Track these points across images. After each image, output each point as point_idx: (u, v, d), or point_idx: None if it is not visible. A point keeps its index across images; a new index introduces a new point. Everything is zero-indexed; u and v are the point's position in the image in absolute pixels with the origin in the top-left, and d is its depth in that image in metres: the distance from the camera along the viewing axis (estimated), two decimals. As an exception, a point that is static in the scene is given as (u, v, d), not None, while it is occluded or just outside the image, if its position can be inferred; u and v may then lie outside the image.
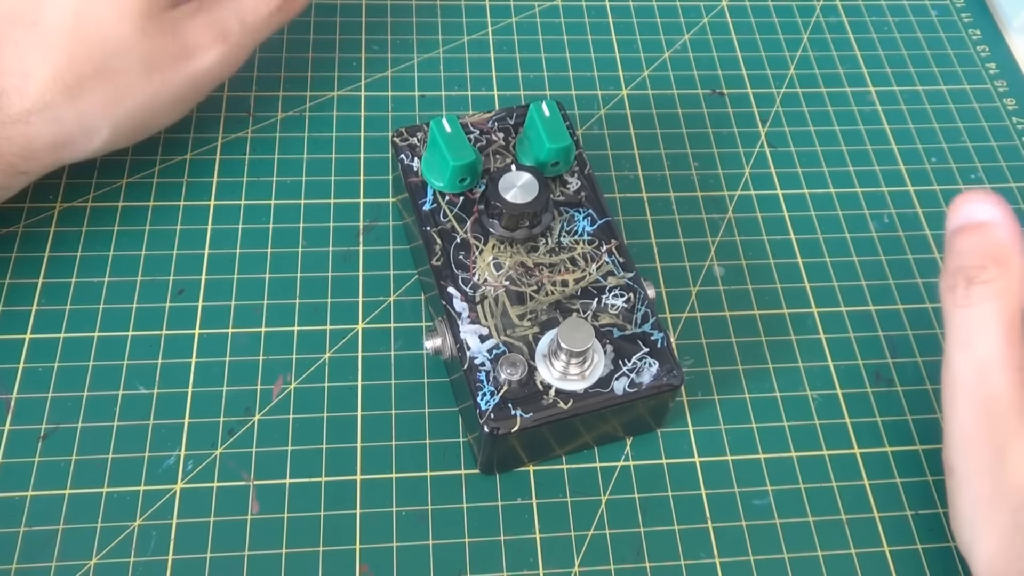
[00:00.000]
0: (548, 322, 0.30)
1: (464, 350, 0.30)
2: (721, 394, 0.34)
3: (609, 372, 0.30)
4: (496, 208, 0.31)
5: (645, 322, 0.31)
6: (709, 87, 0.44)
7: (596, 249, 0.32)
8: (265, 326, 0.35)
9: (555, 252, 0.32)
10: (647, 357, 0.30)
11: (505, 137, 0.35)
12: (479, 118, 0.35)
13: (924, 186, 0.41)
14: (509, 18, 0.45)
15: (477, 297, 0.31)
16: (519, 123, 0.35)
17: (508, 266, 0.31)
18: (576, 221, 0.33)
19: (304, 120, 0.40)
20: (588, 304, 0.31)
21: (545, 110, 0.33)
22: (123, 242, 0.36)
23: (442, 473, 0.32)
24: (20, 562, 0.29)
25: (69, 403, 0.32)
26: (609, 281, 0.32)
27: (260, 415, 0.33)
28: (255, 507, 0.31)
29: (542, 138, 0.32)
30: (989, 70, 0.45)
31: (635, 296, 0.31)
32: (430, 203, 0.33)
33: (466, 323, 0.30)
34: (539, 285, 0.31)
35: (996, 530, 0.27)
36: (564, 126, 0.33)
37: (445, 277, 0.31)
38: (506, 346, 0.30)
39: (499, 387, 0.29)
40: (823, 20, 0.47)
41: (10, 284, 0.35)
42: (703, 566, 0.31)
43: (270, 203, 0.38)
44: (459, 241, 0.32)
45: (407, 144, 0.34)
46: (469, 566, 0.30)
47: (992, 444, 0.27)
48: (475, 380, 0.29)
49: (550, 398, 0.29)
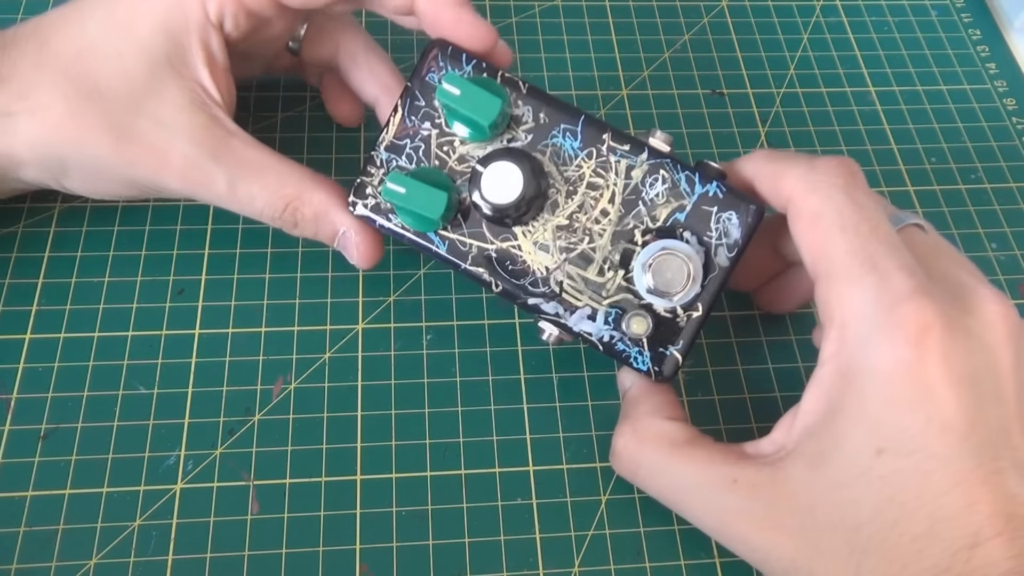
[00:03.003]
0: (624, 257, 0.30)
1: (587, 339, 0.30)
2: (721, 394, 0.34)
3: (705, 254, 0.29)
4: (497, 215, 0.30)
5: (693, 187, 0.29)
6: (709, 87, 0.44)
7: (599, 157, 0.30)
8: (265, 326, 0.35)
9: (572, 192, 0.30)
10: (721, 214, 0.29)
11: (432, 123, 0.31)
12: (397, 129, 0.31)
13: (924, 186, 0.41)
14: (509, 18, 0.45)
15: (555, 288, 0.30)
16: (429, 96, 0.31)
17: (550, 240, 0.30)
18: (560, 146, 0.30)
19: (304, 120, 0.40)
20: (639, 213, 0.30)
21: (451, 89, 0.29)
22: (123, 242, 0.36)
23: (442, 473, 0.32)
24: (20, 562, 0.29)
25: (69, 403, 0.32)
26: (635, 176, 0.30)
27: (260, 415, 0.33)
28: (255, 507, 0.31)
29: (475, 120, 0.29)
30: (989, 70, 0.45)
31: (666, 169, 0.30)
32: (441, 244, 0.31)
33: (568, 317, 0.30)
34: (588, 232, 0.30)
35: None
36: (481, 91, 0.29)
37: (517, 295, 0.30)
38: (614, 307, 0.29)
39: (640, 343, 0.29)
40: (823, 20, 0.47)
41: (10, 284, 0.35)
42: (703, 566, 0.31)
43: (270, 203, 0.38)
44: (496, 256, 0.30)
45: (371, 207, 0.31)
46: (469, 566, 0.30)
47: None
48: (619, 353, 0.29)
49: (682, 316, 0.29)
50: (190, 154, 0.31)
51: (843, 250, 0.27)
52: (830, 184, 0.28)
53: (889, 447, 0.25)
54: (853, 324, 0.26)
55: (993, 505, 0.23)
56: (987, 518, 0.23)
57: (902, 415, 0.25)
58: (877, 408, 0.25)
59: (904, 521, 0.24)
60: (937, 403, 0.24)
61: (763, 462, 0.27)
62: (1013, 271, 0.39)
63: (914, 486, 0.24)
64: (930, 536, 0.24)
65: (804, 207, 0.28)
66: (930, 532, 0.24)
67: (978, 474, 0.24)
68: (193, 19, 0.32)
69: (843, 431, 0.26)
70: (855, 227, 0.27)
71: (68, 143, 0.31)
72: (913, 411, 0.24)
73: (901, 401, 0.25)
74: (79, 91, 0.31)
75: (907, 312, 0.25)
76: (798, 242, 0.28)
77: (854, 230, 0.27)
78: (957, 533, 0.24)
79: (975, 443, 0.24)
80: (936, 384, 0.24)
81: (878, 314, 0.25)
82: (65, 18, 0.32)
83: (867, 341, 0.26)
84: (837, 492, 0.25)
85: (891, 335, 0.25)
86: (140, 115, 0.31)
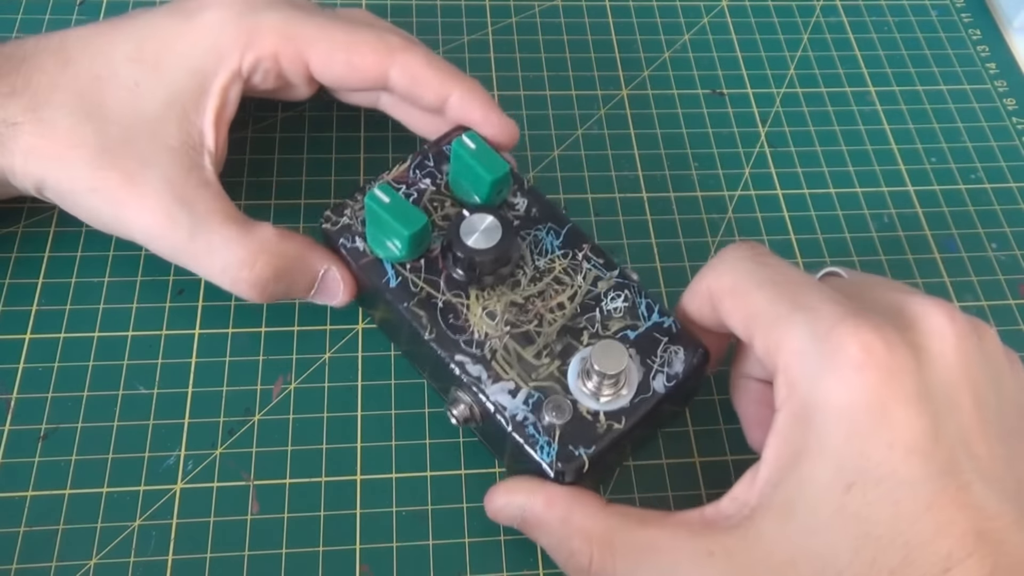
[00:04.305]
0: (565, 350, 0.30)
1: (501, 411, 0.29)
2: (721, 394, 0.34)
3: (644, 374, 0.29)
4: (466, 260, 0.30)
5: (651, 313, 0.30)
6: (709, 87, 0.44)
7: (573, 260, 0.31)
8: (265, 326, 0.35)
9: (537, 278, 0.31)
10: (669, 346, 0.30)
11: (433, 181, 0.33)
12: (398, 173, 0.33)
13: (924, 186, 0.41)
14: (509, 18, 0.45)
15: (487, 354, 0.30)
16: (439, 161, 0.33)
17: (501, 311, 0.30)
18: (541, 240, 0.32)
19: (304, 120, 0.40)
20: (592, 318, 0.30)
21: (469, 143, 0.31)
22: (123, 242, 0.36)
23: (442, 473, 0.32)
24: (20, 562, 0.29)
25: (69, 403, 0.32)
26: (600, 286, 0.31)
27: (260, 415, 0.33)
28: (255, 507, 0.31)
29: (479, 173, 0.31)
30: (989, 70, 0.45)
31: (631, 291, 0.31)
32: (394, 278, 0.31)
33: (489, 384, 0.29)
34: (539, 317, 0.30)
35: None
36: (494, 153, 0.32)
37: (447, 347, 0.30)
38: (538, 391, 0.29)
39: (551, 433, 0.28)
40: (823, 20, 0.47)
41: (10, 284, 0.35)
42: (703, 566, 0.31)
43: (270, 203, 0.38)
44: (442, 306, 0.30)
45: (340, 226, 0.32)
46: (469, 566, 0.30)
47: None
48: (527, 436, 0.28)
49: (603, 423, 0.28)
50: (157, 192, 0.30)
51: (765, 301, 0.26)
52: (735, 259, 0.28)
53: (857, 480, 0.24)
54: (795, 363, 0.25)
55: (963, 524, 0.23)
56: (957, 540, 0.23)
57: (863, 444, 0.24)
58: (838, 442, 0.24)
59: (881, 556, 0.23)
60: (895, 426, 0.24)
61: (729, 524, 0.26)
62: (1013, 271, 0.39)
63: (887, 516, 0.23)
64: (906, 566, 0.23)
65: (719, 287, 0.28)
66: (906, 562, 0.23)
67: (947, 493, 0.23)
68: (225, 66, 0.31)
69: (808, 474, 0.24)
70: (771, 280, 0.27)
71: (53, 159, 0.30)
72: (874, 438, 0.24)
73: (860, 431, 0.24)
74: (86, 113, 0.30)
75: (843, 335, 0.24)
76: (726, 321, 0.28)
77: (771, 283, 0.27)
78: (931, 560, 0.23)
79: (939, 461, 0.23)
80: (890, 406, 0.24)
81: (816, 345, 0.25)
82: (93, 40, 0.32)
83: (813, 376, 0.25)
84: (813, 540, 0.24)
85: (834, 363, 0.24)
86: (128, 146, 0.30)
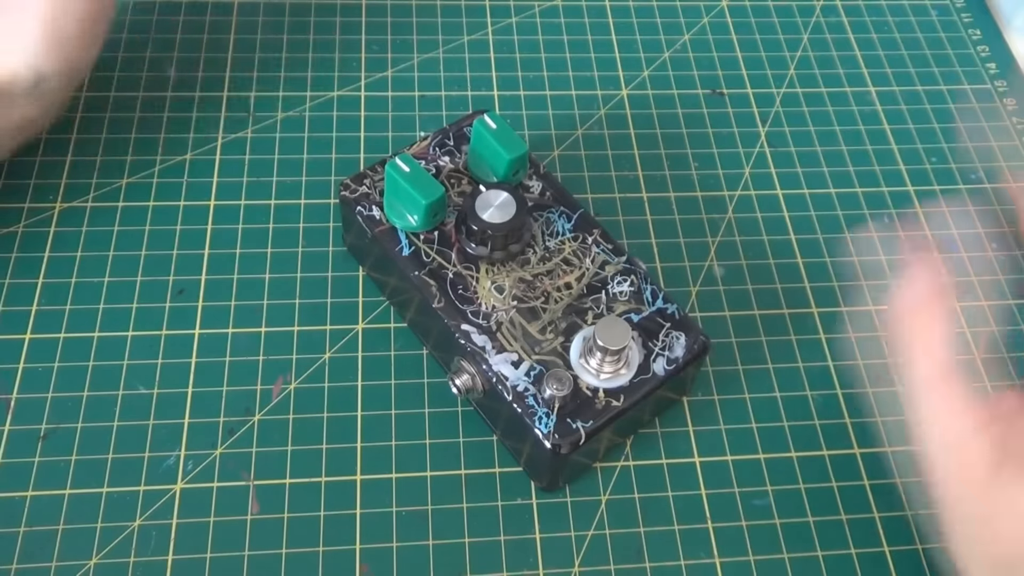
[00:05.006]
0: (569, 328, 0.31)
1: (502, 381, 0.30)
2: (721, 394, 0.34)
3: (644, 356, 0.30)
4: (479, 233, 0.31)
5: (655, 299, 0.31)
6: (709, 87, 0.44)
7: (583, 244, 0.33)
8: (265, 326, 0.35)
9: (546, 258, 0.32)
10: (671, 331, 0.31)
11: (452, 159, 0.34)
12: (418, 149, 0.34)
13: (924, 186, 0.41)
14: (509, 18, 0.45)
15: (493, 326, 0.30)
16: (459, 141, 0.34)
17: (509, 286, 0.31)
18: (553, 222, 0.33)
19: (304, 120, 0.40)
20: (598, 299, 0.31)
21: (490, 123, 0.32)
22: (123, 242, 0.36)
23: (442, 473, 0.32)
24: (20, 562, 0.29)
25: (69, 403, 0.32)
26: (608, 270, 0.32)
27: (260, 415, 0.33)
28: (255, 507, 0.31)
29: (499, 151, 0.32)
30: (989, 70, 0.45)
31: (637, 277, 0.32)
32: (407, 247, 0.32)
33: (493, 355, 0.30)
34: (545, 295, 0.31)
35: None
36: (514, 133, 0.33)
37: (454, 316, 0.31)
38: (540, 364, 0.30)
39: (551, 405, 0.29)
40: (823, 20, 0.47)
41: (10, 284, 0.35)
42: (703, 566, 0.31)
43: (270, 203, 0.38)
44: (452, 277, 0.31)
45: (359, 195, 0.33)
46: (469, 566, 0.30)
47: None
48: (527, 407, 0.29)
49: (602, 400, 0.29)
50: None
51: None
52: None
53: None
54: None
55: None
56: None
57: None
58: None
59: None
60: None
61: None
62: (1013, 271, 0.39)
63: None
64: None
65: None
66: None
67: None
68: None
69: None
70: None
71: None
72: None
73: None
74: None
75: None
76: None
77: None
78: None
79: None
80: None
81: None
82: None
83: None
84: None
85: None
86: None
